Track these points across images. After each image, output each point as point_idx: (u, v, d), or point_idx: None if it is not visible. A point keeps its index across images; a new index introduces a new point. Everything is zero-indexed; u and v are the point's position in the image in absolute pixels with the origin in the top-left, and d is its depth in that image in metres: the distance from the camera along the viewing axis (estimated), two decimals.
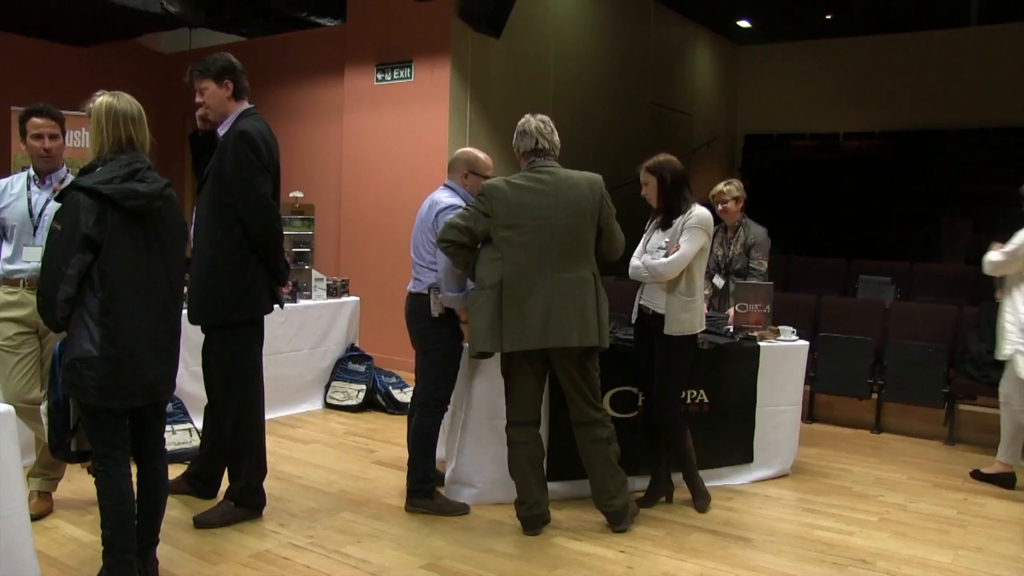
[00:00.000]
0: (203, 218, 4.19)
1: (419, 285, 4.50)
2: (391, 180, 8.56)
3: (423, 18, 8.33)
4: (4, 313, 4.23)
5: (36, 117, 4.25)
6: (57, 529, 4.22)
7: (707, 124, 14.02)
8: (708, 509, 4.69)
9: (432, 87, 8.32)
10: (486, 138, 8.41)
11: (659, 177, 4.48)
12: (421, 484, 4.55)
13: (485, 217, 4.11)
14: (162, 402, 3.58)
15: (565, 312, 4.06)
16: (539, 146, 4.27)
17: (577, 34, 10.33)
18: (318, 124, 9.45)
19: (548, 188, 4.15)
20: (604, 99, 10.80)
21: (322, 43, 9.36)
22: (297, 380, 6.73)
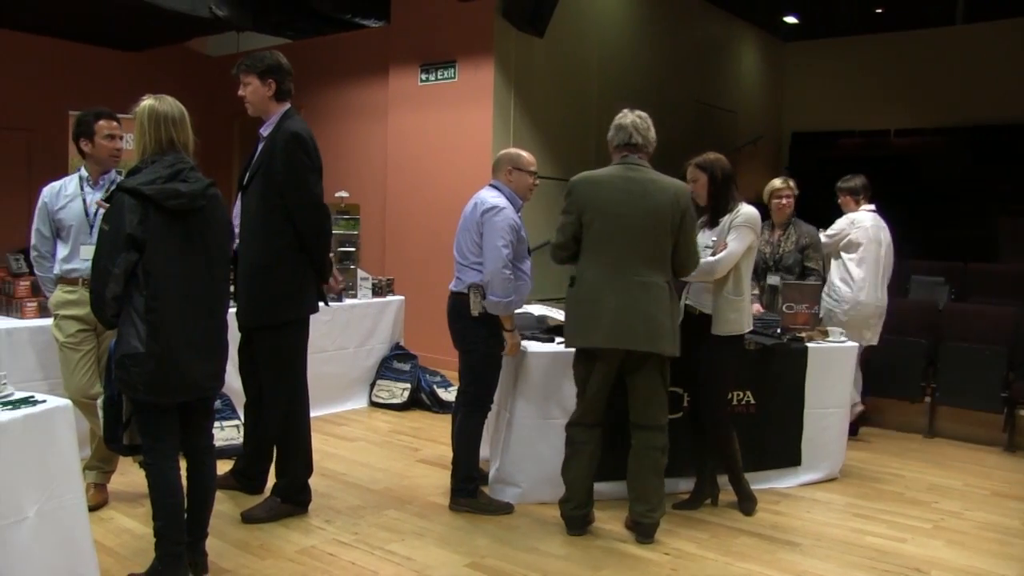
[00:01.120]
0: (251, 218, 4.24)
1: (460, 284, 4.49)
2: (435, 180, 8.59)
3: (466, 18, 8.35)
4: (64, 311, 4.33)
5: (104, 120, 4.35)
6: (112, 520, 4.30)
7: (753, 122, 13.88)
8: (754, 512, 4.65)
9: (476, 87, 8.34)
10: (530, 138, 8.42)
11: (709, 174, 4.44)
12: (465, 483, 4.56)
13: (574, 216, 4.12)
14: (209, 398, 3.63)
15: (636, 316, 4.02)
16: (632, 141, 4.20)
17: (620, 32, 10.29)
18: (363, 124, 9.51)
19: (635, 188, 4.09)
20: (648, 98, 10.70)
21: (366, 44, 9.43)
22: (343, 378, 6.79)
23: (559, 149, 8.94)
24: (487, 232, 4.35)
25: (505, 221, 4.35)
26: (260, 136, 4.30)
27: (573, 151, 9.21)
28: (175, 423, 3.50)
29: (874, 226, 6.29)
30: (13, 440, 2.80)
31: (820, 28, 13.98)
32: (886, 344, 6.58)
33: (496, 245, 4.32)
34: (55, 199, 4.40)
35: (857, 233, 6.20)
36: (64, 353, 4.33)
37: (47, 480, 2.92)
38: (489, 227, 4.35)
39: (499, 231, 4.33)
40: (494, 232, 4.33)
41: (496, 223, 4.34)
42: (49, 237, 4.43)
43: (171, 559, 3.42)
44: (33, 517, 2.85)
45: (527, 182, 4.56)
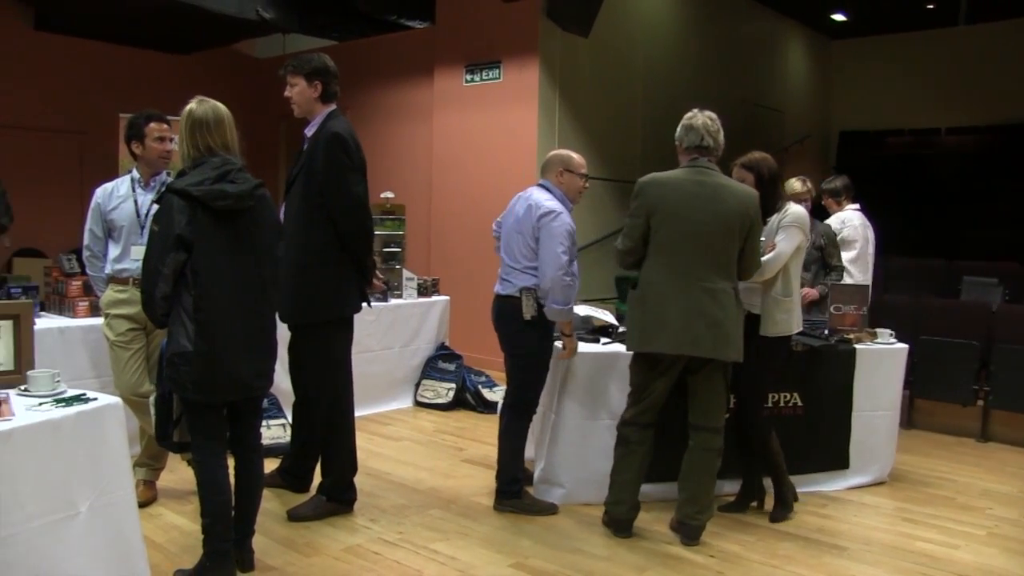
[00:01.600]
0: (293, 218, 4.27)
1: (509, 287, 4.44)
2: (480, 180, 8.60)
3: (511, 18, 8.35)
4: (115, 310, 4.40)
5: (155, 122, 4.41)
6: (161, 516, 4.36)
7: (800, 121, 13.72)
8: (784, 519, 4.53)
9: (521, 87, 8.34)
10: (575, 138, 8.40)
11: (756, 174, 4.37)
12: (509, 485, 4.55)
13: (642, 219, 4.06)
14: (257, 397, 3.66)
15: (702, 322, 3.97)
16: (704, 143, 4.12)
17: (666, 31, 10.23)
18: (408, 125, 9.55)
19: (705, 192, 4.03)
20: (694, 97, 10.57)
21: (411, 45, 9.47)
22: (388, 378, 6.82)
23: (604, 150, 8.91)
24: (545, 237, 4.30)
25: (563, 227, 4.31)
26: (305, 137, 4.34)
27: (618, 151, 9.18)
28: (224, 422, 3.55)
29: (862, 224, 6.28)
30: (66, 437, 2.85)
31: (869, 25, 13.75)
32: (936, 346, 6.47)
33: (556, 252, 4.27)
34: (107, 200, 4.47)
35: (849, 231, 6.17)
36: (114, 351, 4.41)
37: (98, 476, 2.97)
38: (547, 232, 4.30)
39: (558, 237, 4.29)
40: (553, 238, 4.29)
41: (554, 228, 4.30)
42: (101, 237, 4.50)
43: (218, 556, 3.46)
44: (85, 512, 2.90)
45: (578, 184, 4.52)
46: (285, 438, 5.42)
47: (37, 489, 2.73)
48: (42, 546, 2.74)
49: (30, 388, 3.05)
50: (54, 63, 9.61)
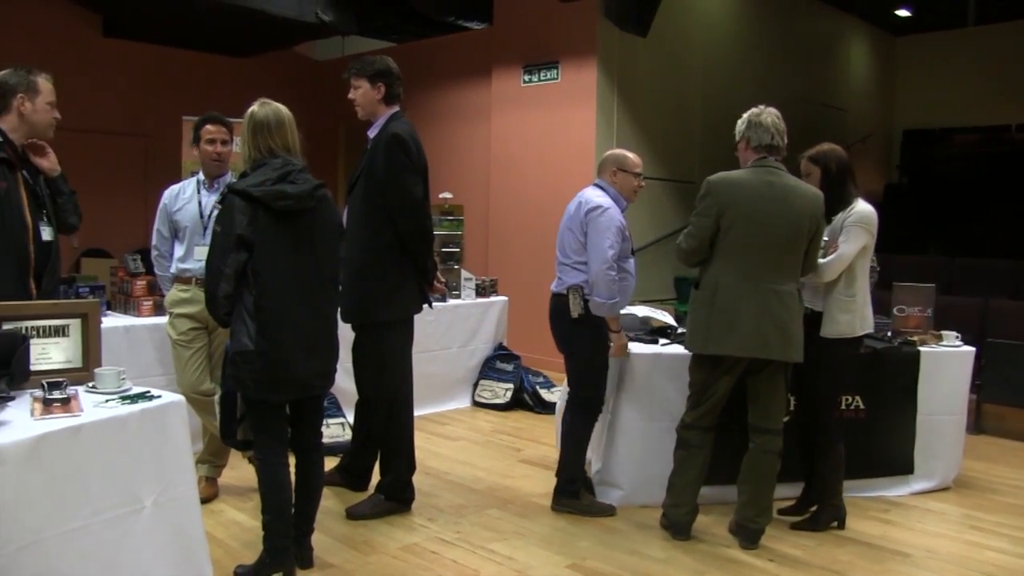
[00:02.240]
0: (355, 219, 4.31)
1: (561, 285, 4.43)
2: (538, 181, 8.60)
3: (569, 19, 8.33)
4: (178, 309, 4.48)
5: (209, 124, 4.48)
6: (222, 513, 4.43)
7: (862, 120, 13.45)
8: (825, 528, 4.39)
9: (579, 88, 8.31)
10: (633, 138, 8.34)
11: (823, 167, 4.26)
12: (568, 485, 4.52)
13: (711, 219, 4.01)
14: (318, 396, 3.70)
15: (770, 324, 3.92)
16: (773, 142, 4.06)
17: (724, 30, 10.11)
18: (466, 126, 9.58)
19: (775, 193, 3.97)
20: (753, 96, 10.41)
21: (469, 46, 9.50)
22: (446, 378, 6.84)
23: (663, 150, 8.84)
24: (591, 232, 4.29)
25: (610, 221, 4.28)
26: (367, 138, 4.37)
27: (677, 152, 9.10)
28: (285, 420, 3.60)
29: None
30: (131, 433, 2.90)
31: (935, 20, 13.41)
32: (1006, 349, 6.30)
33: (601, 246, 4.25)
34: (173, 201, 4.56)
35: None
36: (176, 350, 4.49)
37: (162, 472, 3.02)
38: (594, 227, 4.29)
39: (604, 231, 4.27)
40: (599, 232, 4.27)
41: (601, 223, 4.28)
42: (168, 237, 4.59)
43: (278, 552, 3.51)
44: (150, 507, 2.95)
45: (632, 184, 4.48)
46: (344, 437, 5.47)
47: (105, 483, 2.79)
48: (110, 539, 2.79)
49: (97, 385, 3.11)
50: (120, 68, 9.83)
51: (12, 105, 3.70)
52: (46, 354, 3.22)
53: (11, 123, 3.71)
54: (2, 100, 3.71)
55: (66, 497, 2.65)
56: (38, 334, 3.20)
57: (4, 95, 3.70)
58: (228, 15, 8.28)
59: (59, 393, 2.86)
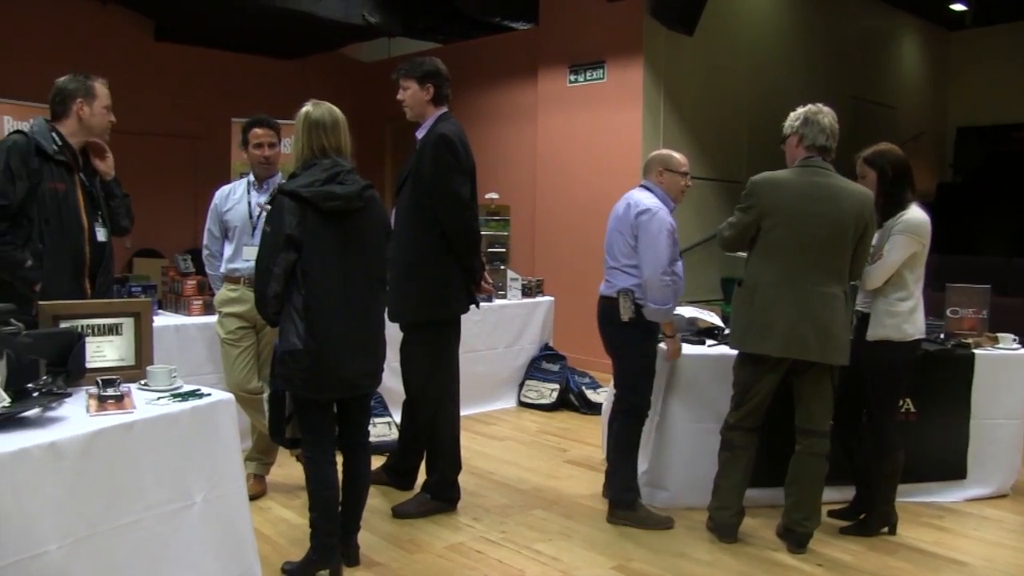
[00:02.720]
0: (402, 219, 4.33)
1: (610, 288, 4.37)
2: (585, 181, 8.58)
3: (615, 18, 8.30)
4: (226, 309, 4.54)
5: (257, 127, 4.53)
6: (270, 510, 4.48)
7: (914, 117, 13.21)
8: (875, 533, 4.31)
9: (625, 87, 8.28)
10: (680, 137, 8.30)
11: (879, 169, 4.16)
12: (623, 494, 4.43)
13: (752, 218, 3.98)
14: (365, 395, 3.72)
15: (810, 326, 3.87)
16: (828, 144, 4.00)
17: (772, 27, 10.01)
18: (512, 126, 9.59)
19: (820, 194, 3.91)
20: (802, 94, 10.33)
21: (515, 46, 9.51)
22: (492, 378, 6.86)
23: (710, 149, 8.78)
24: (643, 236, 4.23)
25: (661, 224, 4.23)
26: (415, 139, 4.40)
27: (724, 151, 9.03)
28: (333, 419, 3.62)
29: None
30: (182, 430, 2.95)
31: (992, 14, 13.06)
32: None
33: (655, 251, 4.20)
34: (224, 201, 4.63)
35: None
36: (225, 349, 4.55)
37: (212, 469, 3.06)
38: (645, 231, 4.23)
39: (656, 235, 4.21)
40: (651, 236, 4.21)
41: (652, 227, 4.22)
42: (218, 237, 4.66)
43: (325, 550, 3.54)
44: (200, 503, 2.99)
45: (679, 184, 4.43)
46: (390, 436, 5.50)
47: (157, 479, 2.83)
48: (162, 533, 2.84)
49: (149, 383, 3.16)
50: (171, 71, 9.98)
51: (71, 110, 3.81)
52: (100, 352, 3.29)
53: (70, 127, 3.82)
54: (61, 105, 3.82)
55: (120, 492, 2.70)
56: (93, 332, 3.27)
57: (64, 100, 3.82)
58: (276, 18, 8.38)
59: (113, 390, 2.92)
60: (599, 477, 4.94)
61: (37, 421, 2.64)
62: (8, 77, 7.03)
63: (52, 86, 3.86)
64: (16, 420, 2.58)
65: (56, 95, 3.84)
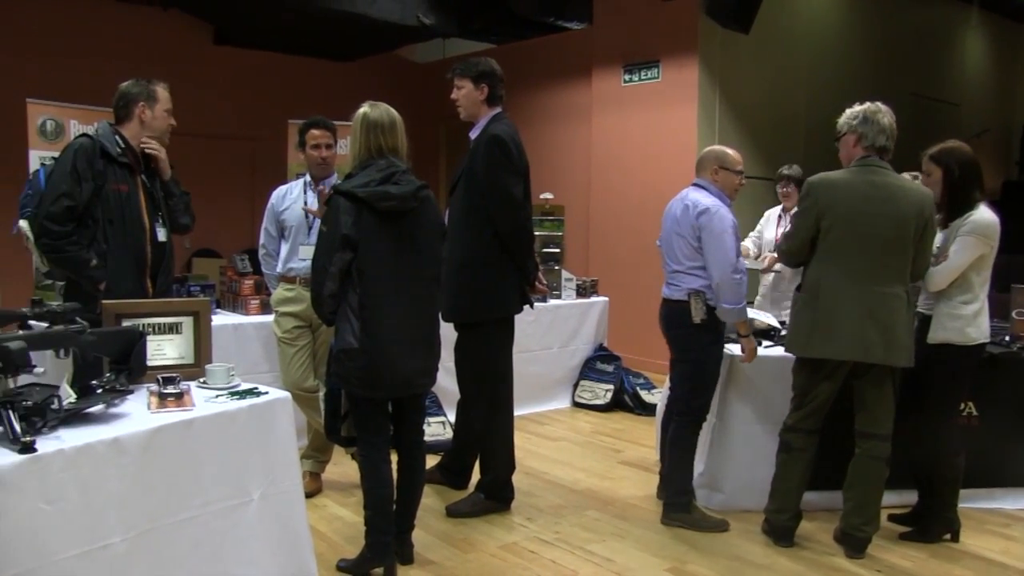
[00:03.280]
0: (456, 219, 4.35)
1: (676, 291, 4.30)
2: (640, 181, 8.53)
3: (670, 17, 8.24)
4: (283, 308, 4.60)
5: (314, 129, 4.59)
6: (325, 507, 4.53)
7: (978, 114, 12.89)
8: (937, 540, 4.21)
9: (680, 86, 8.22)
10: (736, 136, 8.20)
11: (945, 167, 4.07)
12: (678, 497, 4.39)
13: (811, 220, 3.93)
14: (420, 394, 3.74)
15: (874, 327, 3.81)
16: (887, 144, 3.94)
17: (829, 24, 9.85)
18: (567, 126, 9.58)
19: (879, 193, 3.85)
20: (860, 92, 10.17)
21: (569, 46, 9.48)
22: (546, 378, 6.85)
23: (766, 148, 8.67)
24: (708, 236, 4.17)
25: (724, 222, 4.17)
26: (470, 140, 4.41)
27: (781, 150, 8.89)
28: (388, 418, 3.65)
29: None
30: (240, 428, 2.99)
31: None
32: None
33: (722, 250, 4.14)
34: (280, 201, 4.69)
35: None
36: (281, 347, 4.61)
37: (269, 466, 3.10)
38: (709, 231, 4.16)
39: (721, 234, 4.15)
40: (716, 236, 4.15)
41: (716, 226, 4.16)
42: (275, 236, 4.73)
43: (379, 548, 3.57)
44: (257, 500, 3.03)
45: (733, 182, 4.37)
46: (444, 435, 5.52)
47: (215, 476, 2.88)
48: (220, 529, 2.89)
49: (208, 381, 3.21)
50: (230, 74, 10.13)
51: (134, 113, 3.90)
52: (161, 350, 3.35)
53: (132, 130, 3.91)
54: (124, 109, 3.91)
55: (179, 488, 2.75)
56: (154, 331, 3.33)
57: (126, 104, 3.91)
58: (332, 20, 8.45)
59: (173, 388, 2.98)
60: (653, 478, 4.92)
61: (101, 417, 2.70)
62: (74, 83, 7.19)
63: (115, 91, 3.96)
64: (81, 416, 2.65)
65: (119, 99, 3.93)
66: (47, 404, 2.50)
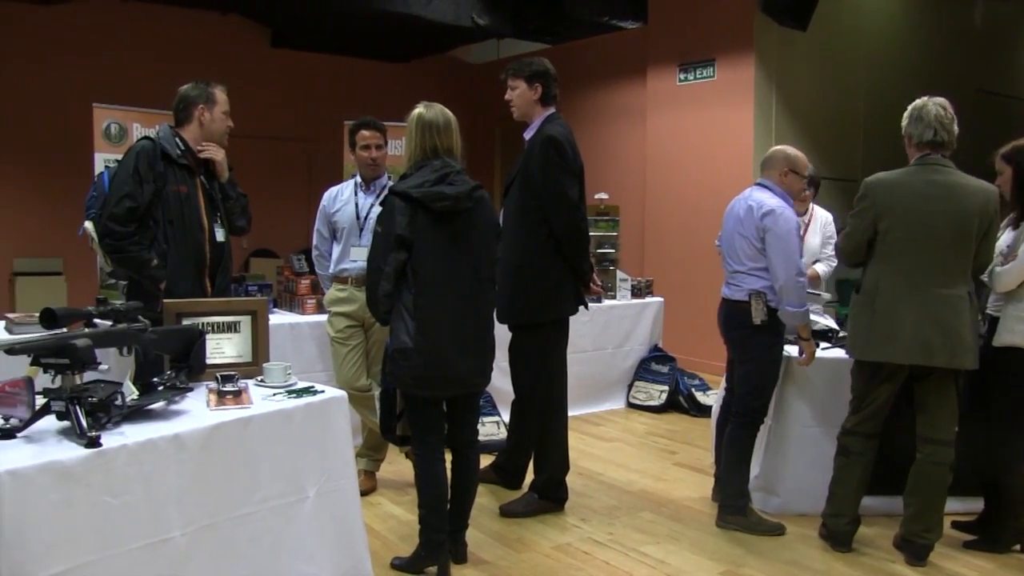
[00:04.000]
0: (510, 220, 4.35)
1: (737, 292, 4.25)
2: (695, 181, 8.47)
3: (725, 15, 8.17)
4: (335, 308, 4.64)
5: (364, 130, 4.62)
6: (380, 506, 4.56)
7: None
8: (1006, 551, 4.07)
9: (736, 85, 8.14)
10: (793, 136, 8.10)
11: (1016, 166, 3.96)
12: (734, 500, 4.34)
13: (867, 221, 3.87)
14: (475, 394, 3.75)
15: (936, 330, 3.73)
16: (937, 138, 3.84)
17: (890, 19, 9.67)
18: (621, 126, 9.54)
19: (939, 192, 3.77)
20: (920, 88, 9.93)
21: (624, 46, 9.45)
22: (600, 379, 6.83)
23: (824, 147, 8.53)
24: (773, 238, 4.11)
25: (789, 224, 4.12)
26: (524, 141, 4.41)
27: (839, 149, 8.78)
28: (442, 417, 3.66)
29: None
30: (297, 426, 3.03)
31: None
32: None
33: (788, 252, 4.09)
34: (332, 203, 4.73)
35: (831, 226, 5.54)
36: (334, 347, 4.65)
37: (325, 464, 3.13)
38: (774, 233, 4.10)
39: (786, 236, 4.10)
40: (780, 238, 4.10)
41: (780, 228, 4.10)
42: (327, 237, 4.77)
43: (433, 546, 3.58)
44: (313, 497, 3.07)
45: (800, 186, 4.34)
46: (498, 435, 5.53)
47: (272, 473, 2.92)
48: (276, 526, 2.93)
49: (265, 379, 3.26)
50: (287, 76, 10.28)
51: (193, 115, 3.97)
52: (219, 349, 3.41)
53: (192, 132, 3.98)
54: (184, 111, 3.98)
55: (237, 484, 2.80)
56: (213, 330, 3.39)
57: (186, 107, 3.98)
58: (387, 22, 8.53)
59: (231, 386, 3.03)
60: (708, 480, 4.87)
61: (162, 414, 2.76)
62: (136, 87, 7.35)
63: (176, 94, 4.03)
64: (143, 412, 2.70)
65: (179, 102, 4.00)
66: (111, 400, 2.56)
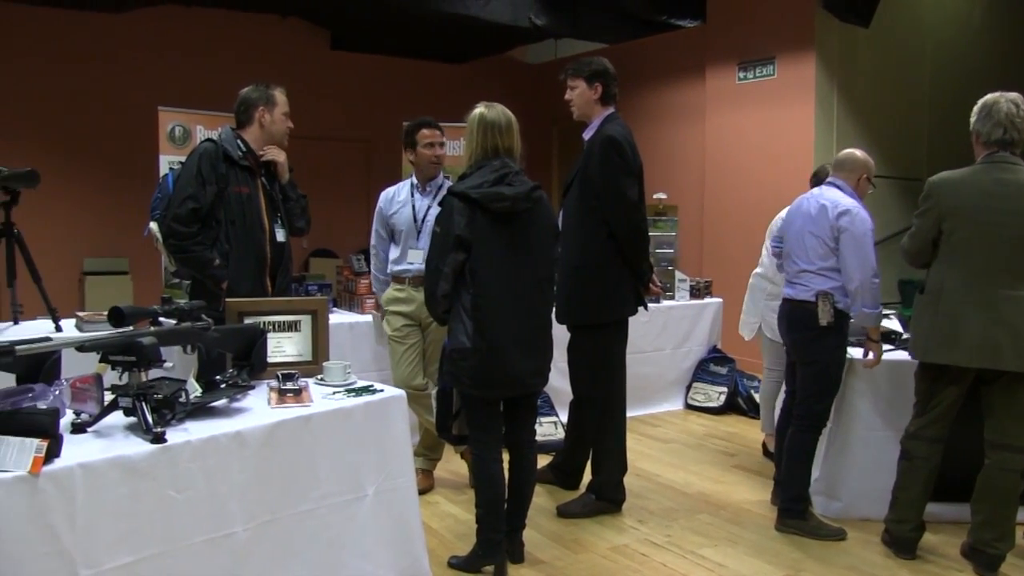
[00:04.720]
0: (570, 221, 4.35)
1: (803, 291, 4.19)
2: (755, 180, 8.37)
3: (785, 11, 8.06)
4: (393, 308, 4.68)
5: (425, 128, 4.64)
6: (437, 504, 4.58)
7: None
8: None
9: (796, 83, 8.02)
10: (855, 135, 7.96)
11: None
12: (794, 503, 4.27)
13: (931, 221, 3.79)
14: (532, 394, 3.75)
15: (1004, 331, 3.63)
16: (1006, 136, 3.74)
17: (957, 13, 9.43)
18: (680, 126, 9.47)
19: (1008, 191, 3.68)
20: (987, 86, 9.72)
21: (682, 44, 9.38)
22: (659, 380, 6.79)
23: (887, 146, 8.38)
24: (848, 239, 4.06)
25: (865, 224, 4.07)
26: (583, 141, 4.41)
27: (903, 148, 8.61)
28: (500, 417, 3.67)
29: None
30: (356, 424, 3.06)
31: None
32: None
33: (864, 254, 4.05)
34: (388, 204, 4.75)
35: None
36: (392, 345, 4.69)
37: (383, 463, 3.16)
38: (850, 234, 4.06)
39: (862, 237, 4.05)
40: (856, 239, 4.05)
41: (858, 228, 4.05)
42: (385, 238, 4.80)
43: (490, 546, 3.59)
44: (372, 495, 3.09)
45: (867, 190, 4.31)
46: (556, 435, 5.53)
47: (331, 471, 2.95)
48: (335, 523, 2.96)
49: (325, 378, 3.30)
50: (345, 78, 10.38)
51: (254, 117, 4.03)
52: (280, 347, 3.46)
53: (253, 134, 4.04)
54: (245, 113, 4.04)
55: (297, 481, 2.83)
56: (274, 329, 3.44)
57: (247, 109, 4.04)
58: (445, 23, 8.58)
59: (292, 384, 3.07)
60: (767, 483, 4.82)
61: (224, 411, 2.81)
62: (200, 90, 7.50)
63: (237, 97, 4.09)
64: (206, 409, 2.75)
65: (240, 104, 4.07)
66: (175, 397, 2.61)
